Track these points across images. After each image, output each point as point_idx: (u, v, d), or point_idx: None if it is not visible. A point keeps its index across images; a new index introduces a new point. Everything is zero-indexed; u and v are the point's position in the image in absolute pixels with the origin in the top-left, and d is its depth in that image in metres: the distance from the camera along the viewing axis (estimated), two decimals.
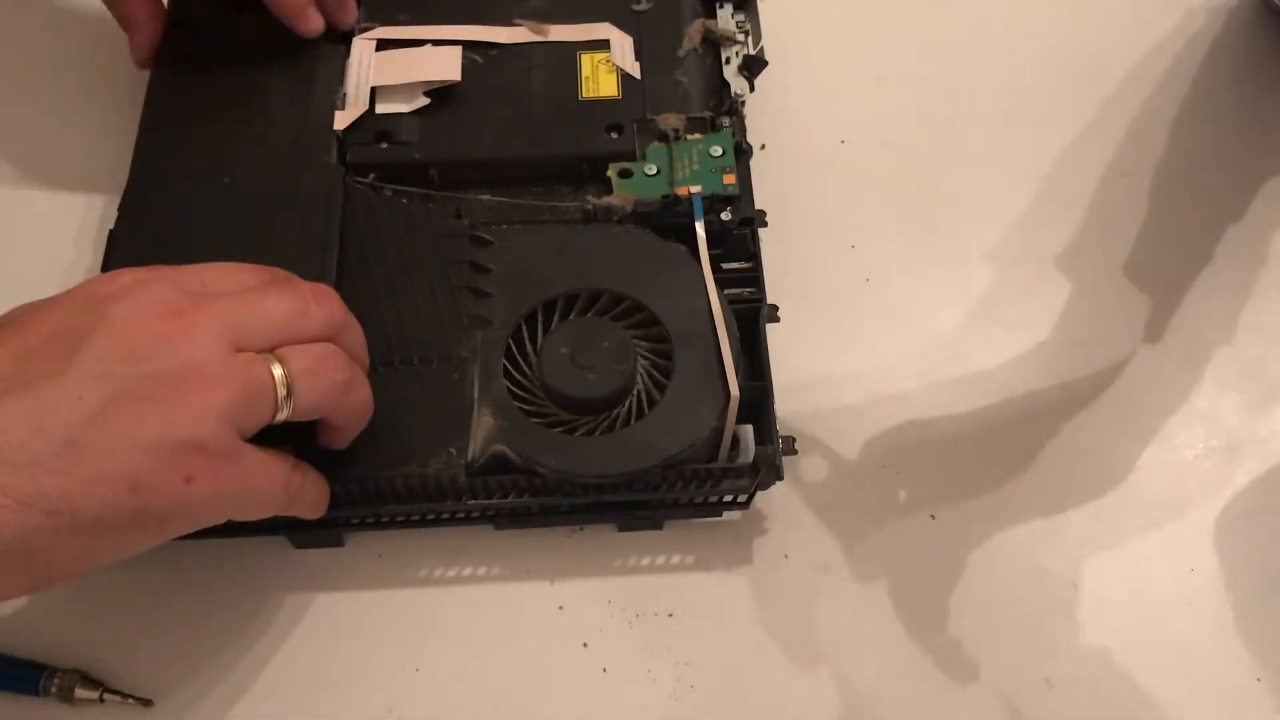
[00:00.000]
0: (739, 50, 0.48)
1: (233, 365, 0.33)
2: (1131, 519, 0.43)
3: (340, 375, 0.35)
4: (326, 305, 0.36)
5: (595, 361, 0.39)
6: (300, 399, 0.34)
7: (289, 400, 0.34)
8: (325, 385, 0.35)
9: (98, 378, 0.31)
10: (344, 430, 0.37)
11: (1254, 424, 0.45)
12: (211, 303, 0.34)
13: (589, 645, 0.40)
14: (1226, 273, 0.48)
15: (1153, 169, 0.50)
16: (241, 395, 0.33)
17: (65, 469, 0.30)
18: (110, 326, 0.32)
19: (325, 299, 0.36)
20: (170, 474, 0.31)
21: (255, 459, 0.34)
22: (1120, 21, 0.54)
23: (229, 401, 0.32)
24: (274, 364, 0.34)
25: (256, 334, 0.34)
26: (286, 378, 0.34)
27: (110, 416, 0.31)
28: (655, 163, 0.44)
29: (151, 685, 0.39)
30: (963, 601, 0.41)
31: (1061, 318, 0.47)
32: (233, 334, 0.33)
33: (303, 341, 0.35)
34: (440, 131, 0.45)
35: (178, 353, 0.32)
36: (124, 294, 0.33)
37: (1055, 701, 0.40)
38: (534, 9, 0.48)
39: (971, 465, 0.44)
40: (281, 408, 0.34)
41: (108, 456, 0.30)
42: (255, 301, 0.35)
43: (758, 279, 0.43)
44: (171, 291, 0.33)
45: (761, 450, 0.39)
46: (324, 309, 0.36)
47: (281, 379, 0.34)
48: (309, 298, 0.36)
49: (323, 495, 0.38)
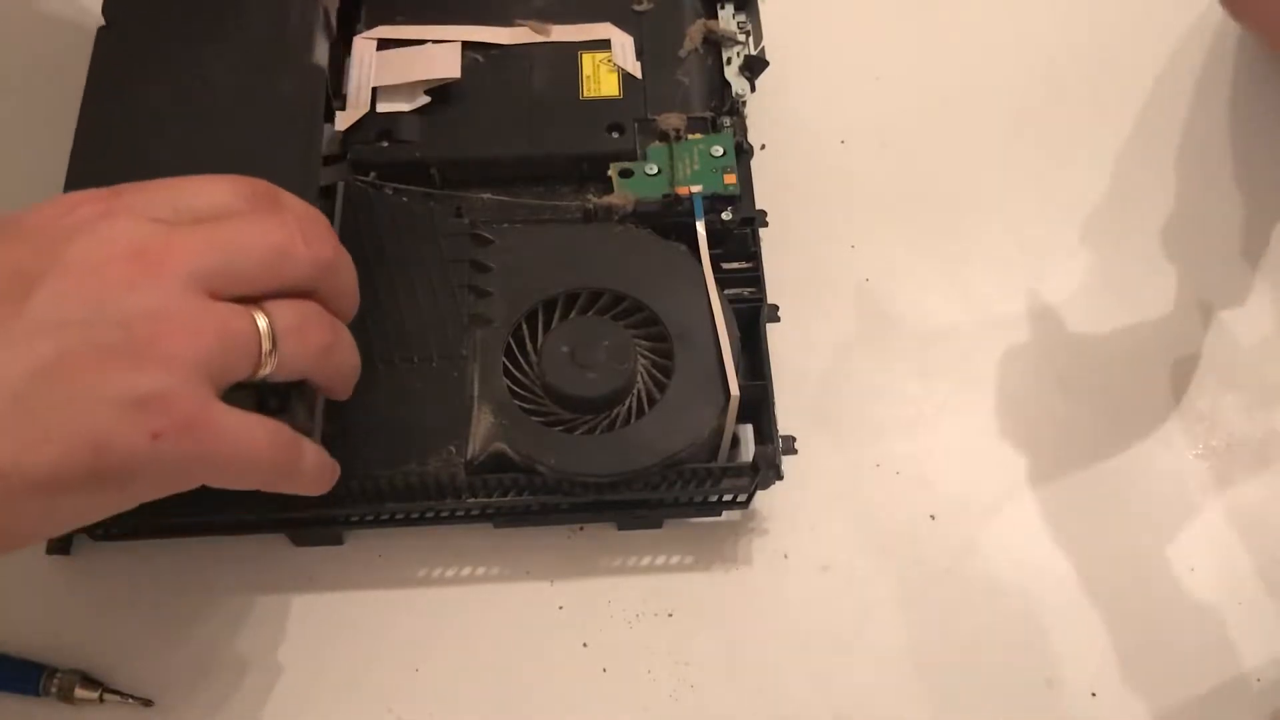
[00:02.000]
0: (740, 50, 0.48)
1: (208, 313, 0.30)
2: (1132, 519, 0.43)
3: (322, 339, 0.33)
4: (315, 243, 0.33)
5: (595, 360, 0.39)
6: (285, 357, 0.31)
7: (273, 356, 0.31)
8: (310, 347, 0.32)
9: (52, 326, 0.28)
10: (332, 391, 0.35)
11: (1254, 424, 0.45)
12: (183, 239, 0.30)
13: (589, 645, 0.40)
14: (1227, 272, 0.48)
15: (1158, 167, 0.50)
16: (217, 347, 0.30)
17: (13, 427, 0.27)
18: (66, 267, 0.29)
19: (314, 232, 0.33)
20: (133, 431, 0.28)
21: (233, 420, 0.31)
22: (1121, 20, 0.54)
23: (202, 352, 0.29)
24: (258, 314, 0.31)
25: (234, 277, 0.31)
26: (271, 330, 0.31)
27: (66, 369, 0.28)
28: (656, 162, 0.44)
29: (151, 685, 0.39)
30: (963, 601, 0.41)
31: (1061, 317, 0.47)
32: (207, 277, 0.30)
33: (286, 285, 0.32)
34: (441, 130, 0.45)
35: (143, 298, 0.29)
36: (83, 228, 0.30)
37: (1055, 701, 0.40)
38: (535, 9, 0.48)
39: (972, 465, 0.44)
40: (265, 363, 0.31)
41: (62, 413, 0.28)
42: (233, 237, 0.31)
43: (758, 279, 0.43)
44: (136, 225, 0.30)
45: (761, 450, 0.39)
46: (312, 248, 0.32)
47: (266, 331, 0.31)
48: (295, 231, 0.32)
49: (325, 471, 0.35)
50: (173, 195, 0.31)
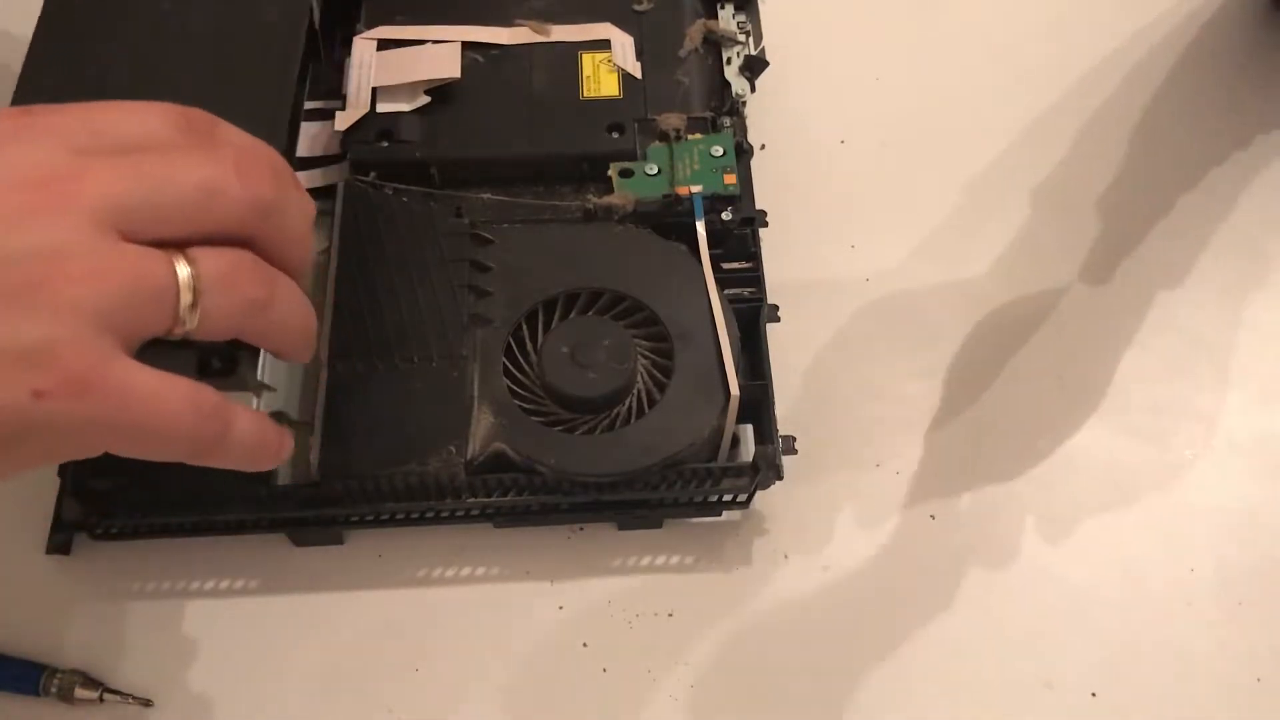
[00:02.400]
0: (740, 50, 0.48)
1: (117, 255, 0.26)
2: (1131, 519, 0.43)
3: (255, 292, 0.28)
4: (253, 180, 0.28)
5: (595, 360, 0.39)
6: (209, 311, 0.27)
7: (194, 310, 0.27)
8: (239, 302, 0.28)
9: None
10: (280, 353, 0.31)
11: (1254, 424, 0.45)
12: (97, 169, 0.26)
13: (589, 645, 0.40)
14: (1227, 271, 0.48)
15: (1158, 168, 0.50)
16: (124, 294, 0.26)
17: None
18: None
19: (253, 168, 0.28)
20: (12, 388, 0.25)
21: (140, 379, 0.26)
22: (1120, 23, 0.54)
23: (104, 299, 0.26)
24: (179, 261, 0.27)
25: (153, 216, 0.27)
26: (194, 280, 0.27)
27: None
28: (656, 162, 0.44)
29: (151, 685, 0.39)
30: (963, 601, 0.41)
31: (1061, 318, 0.47)
32: (121, 214, 0.26)
33: (217, 229, 0.28)
34: (442, 130, 0.45)
35: (42, 233, 0.25)
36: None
37: (1055, 702, 0.40)
38: (535, 9, 0.48)
39: (972, 466, 0.44)
40: (185, 319, 0.27)
41: None
42: (155, 170, 0.27)
43: (758, 279, 0.43)
44: (48, 149, 0.26)
45: (761, 450, 0.39)
46: (249, 184, 0.28)
47: (188, 281, 0.27)
48: (230, 166, 0.28)
49: (266, 446, 0.31)
50: (93, 120, 0.27)
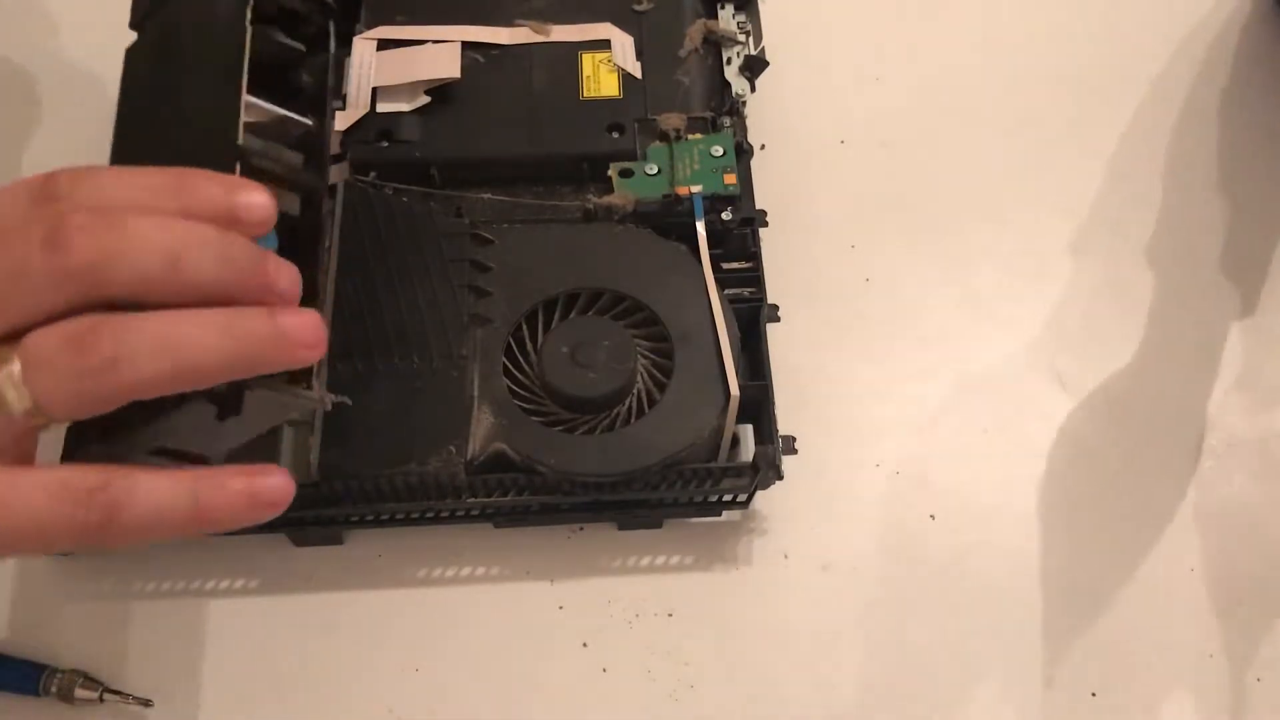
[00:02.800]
0: (740, 50, 0.48)
1: None
2: (1132, 519, 0.43)
3: (81, 362, 0.24)
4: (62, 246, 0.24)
5: (595, 360, 0.39)
6: (43, 394, 0.24)
7: (26, 399, 0.24)
8: (69, 371, 0.24)
9: None
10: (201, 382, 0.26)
11: (1254, 424, 0.45)
12: None
13: (589, 645, 0.40)
14: (1226, 271, 0.48)
15: (1155, 168, 0.50)
16: None
17: None
18: None
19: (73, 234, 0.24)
20: None
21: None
22: (1121, 20, 0.54)
23: None
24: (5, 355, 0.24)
25: None
26: (21, 372, 0.24)
27: None
28: (656, 162, 0.44)
29: (151, 685, 0.39)
30: (963, 601, 0.41)
31: (1062, 317, 0.47)
32: None
33: (34, 311, 0.24)
34: (442, 130, 0.45)
35: None
36: None
37: (1055, 701, 0.40)
38: (535, 9, 0.48)
39: (971, 465, 0.44)
40: (21, 411, 0.24)
41: None
42: None
43: (758, 279, 0.43)
44: None
45: (761, 450, 0.39)
46: (55, 256, 0.24)
47: (15, 376, 0.24)
48: (36, 244, 0.24)
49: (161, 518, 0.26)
50: None
